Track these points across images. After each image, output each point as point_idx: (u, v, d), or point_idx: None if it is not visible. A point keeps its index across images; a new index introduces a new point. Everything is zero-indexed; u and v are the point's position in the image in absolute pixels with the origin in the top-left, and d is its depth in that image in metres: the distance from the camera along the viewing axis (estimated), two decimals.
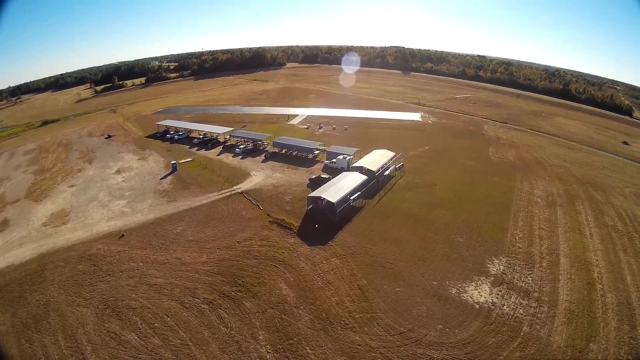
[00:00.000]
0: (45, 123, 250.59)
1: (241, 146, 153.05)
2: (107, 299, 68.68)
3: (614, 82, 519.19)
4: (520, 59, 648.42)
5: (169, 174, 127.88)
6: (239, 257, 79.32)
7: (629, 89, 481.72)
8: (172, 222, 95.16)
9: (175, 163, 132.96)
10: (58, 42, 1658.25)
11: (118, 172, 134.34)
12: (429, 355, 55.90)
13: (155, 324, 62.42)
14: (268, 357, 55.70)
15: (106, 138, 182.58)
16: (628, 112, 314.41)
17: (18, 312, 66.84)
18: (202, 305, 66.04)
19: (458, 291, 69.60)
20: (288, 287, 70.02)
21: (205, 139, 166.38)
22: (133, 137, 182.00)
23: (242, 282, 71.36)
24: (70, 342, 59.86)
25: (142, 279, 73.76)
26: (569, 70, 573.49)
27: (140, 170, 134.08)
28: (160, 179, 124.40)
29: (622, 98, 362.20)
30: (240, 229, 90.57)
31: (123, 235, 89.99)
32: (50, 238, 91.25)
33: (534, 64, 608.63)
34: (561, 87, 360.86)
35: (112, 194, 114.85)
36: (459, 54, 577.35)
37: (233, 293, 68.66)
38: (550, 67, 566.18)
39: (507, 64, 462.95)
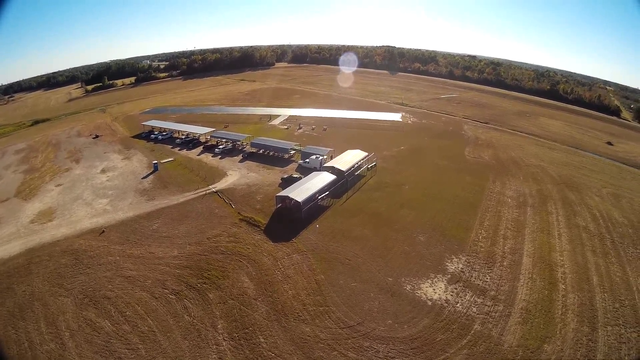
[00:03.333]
0: (36, 122, 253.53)
1: (221, 146, 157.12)
2: (86, 290, 73.37)
3: (606, 82, 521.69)
4: (513, 59, 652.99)
5: (151, 173, 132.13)
6: (207, 252, 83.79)
7: (621, 89, 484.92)
8: (149, 220, 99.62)
9: (157, 163, 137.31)
10: (50, 40, 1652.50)
11: (103, 171, 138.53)
12: (375, 349, 58.47)
13: (127, 312, 67.29)
14: (224, 344, 60.05)
15: (94, 138, 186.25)
16: (616, 112, 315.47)
17: (5, 302, 71.43)
18: (170, 296, 70.76)
19: (412, 288, 71.81)
20: (250, 280, 74.30)
21: (188, 139, 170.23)
22: (119, 137, 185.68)
23: (208, 275, 75.85)
24: (51, 328, 64.67)
25: (118, 272, 78.46)
26: (560, 70, 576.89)
27: (124, 170, 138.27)
28: (142, 178, 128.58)
29: (612, 98, 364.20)
30: (211, 226, 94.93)
31: (104, 231, 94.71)
32: (37, 234, 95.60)
33: (527, 64, 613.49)
34: (548, 87, 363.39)
35: (96, 193, 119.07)
36: (450, 54, 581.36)
37: (199, 285, 73.25)
38: (541, 67, 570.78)
39: (495, 64, 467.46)
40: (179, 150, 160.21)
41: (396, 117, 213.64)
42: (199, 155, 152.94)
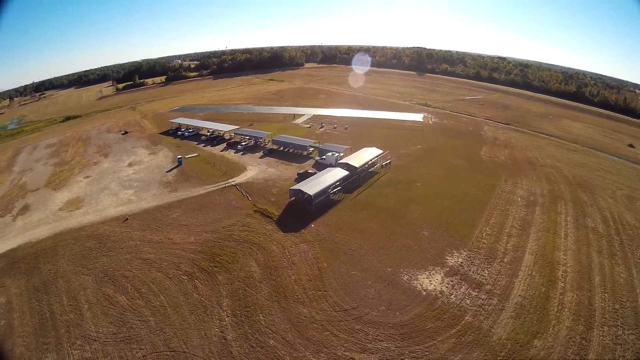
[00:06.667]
0: (68, 119, 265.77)
1: (243, 143, 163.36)
2: (107, 270, 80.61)
3: (636, 86, 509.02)
4: (545, 61, 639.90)
5: (175, 167, 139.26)
6: (221, 239, 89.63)
7: None
8: (170, 209, 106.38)
9: (181, 158, 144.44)
10: (83, 39, 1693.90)
11: (130, 165, 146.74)
12: (365, 332, 61.84)
13: (142, 290, 74.04)
14: (227, 319, 65.69)
15: (123, 134, 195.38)
16: None
17: (32, 279, 79.27)
18: (183, 277, 77.12)
19: (409, 278, 74.43)
20: (257, 265, 79.61)
21: (212, 136, 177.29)
22: (148, 134, 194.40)
23: (220, 259, 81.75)
24: (72, 301, 72.08)
25: (138, 255, 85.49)
26: (590, 73, 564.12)
27: (150, 164, 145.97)
28: (166, 172, 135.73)
29: None
30: (228, 216, 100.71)
31: (127, 219, 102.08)
32: (64, 220, 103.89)
33: (558, 66, 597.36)
34: (574, 89, 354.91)
35: (122, 184, 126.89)
36: (480, 55, 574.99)
37: (210, 268, 79.24)
38: (572, 69, 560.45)
39: (524, 66, 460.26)
40: (203, 146, 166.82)
41: (418, 117, 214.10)
42: (222, 151, 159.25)
